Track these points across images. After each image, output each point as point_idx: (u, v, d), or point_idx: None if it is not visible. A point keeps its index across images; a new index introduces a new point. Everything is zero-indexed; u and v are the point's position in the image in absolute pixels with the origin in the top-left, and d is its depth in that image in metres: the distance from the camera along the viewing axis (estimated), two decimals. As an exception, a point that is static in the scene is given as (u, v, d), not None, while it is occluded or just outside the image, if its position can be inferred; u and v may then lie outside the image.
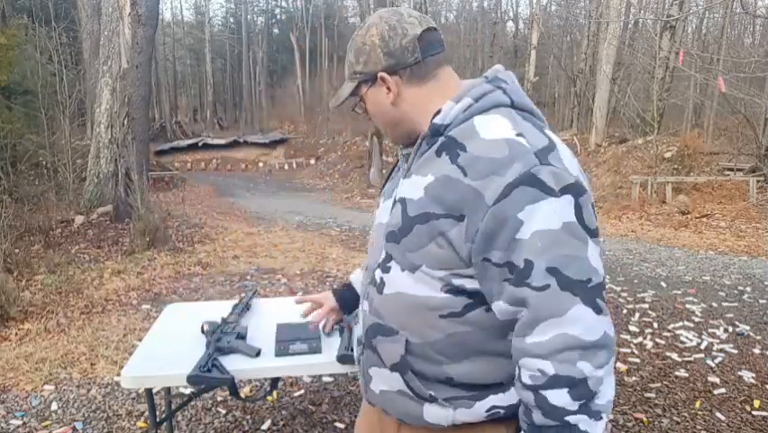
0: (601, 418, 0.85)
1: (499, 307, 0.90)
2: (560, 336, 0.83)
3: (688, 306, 4.38)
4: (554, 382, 0.83)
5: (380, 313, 1.02)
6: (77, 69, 12.05)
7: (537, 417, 0.86)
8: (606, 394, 0.85)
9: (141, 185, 6.49)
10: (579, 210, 0.85)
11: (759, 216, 8.51)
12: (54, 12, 13.36)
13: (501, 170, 0.85)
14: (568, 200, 0.84)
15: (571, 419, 0.83)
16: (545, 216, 0.83)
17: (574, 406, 0.83)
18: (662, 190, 9.86)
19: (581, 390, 0.83)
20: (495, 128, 0.91)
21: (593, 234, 0.87)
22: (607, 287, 4.86)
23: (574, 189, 0.85)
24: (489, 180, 0.85)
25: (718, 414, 2.70)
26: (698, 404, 2.80)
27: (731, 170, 10.89)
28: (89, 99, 10.80)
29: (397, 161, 1.14)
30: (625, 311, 4.26)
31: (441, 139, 0.95)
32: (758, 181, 9.64)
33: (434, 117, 0.97)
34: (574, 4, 24.07)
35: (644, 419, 2.65)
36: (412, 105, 1.01)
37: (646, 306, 4.39)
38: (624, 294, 4.70)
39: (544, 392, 0.84)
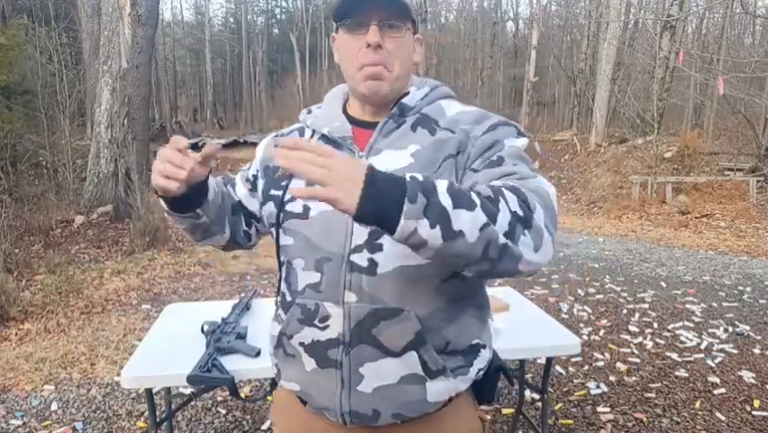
0: None
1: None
2: None
3: (688, 306, 4.38)
4: None
5: (378, 296, 0.95)
6: (76, 69, 12.02)
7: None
8: None
9: (141, 185, 6.49)
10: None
11: (759, 216, 8.51)
12: (54, 12, 13.34)
13: (481, 120, 1.03)
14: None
15: None
16: (520, 144, 1.02)
17: None
18: (662, 190, 9.85)
19: None
20: (457, 107, 1.09)
21: None
22: (607, 287, 4.90)
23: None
24: (473, 126, 1.02)
25: (718, 414, 2.70)
26: (698, 404, 2.80)
27: (731, 170, 10.88)
28: (89, 99, 10.79)
29: None
30: (625, 311, 4.26)
31: (415, 116, 1.06)
32: (758, 181, 9.64)
33: (402, 98, 1.07)
34: (574, 4, 24.11)
35: (644, 419, 2.65)
36: (409, 75, 1.09)
37: (646, 306, 4.39)
38: (624, 294, 4.70)
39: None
